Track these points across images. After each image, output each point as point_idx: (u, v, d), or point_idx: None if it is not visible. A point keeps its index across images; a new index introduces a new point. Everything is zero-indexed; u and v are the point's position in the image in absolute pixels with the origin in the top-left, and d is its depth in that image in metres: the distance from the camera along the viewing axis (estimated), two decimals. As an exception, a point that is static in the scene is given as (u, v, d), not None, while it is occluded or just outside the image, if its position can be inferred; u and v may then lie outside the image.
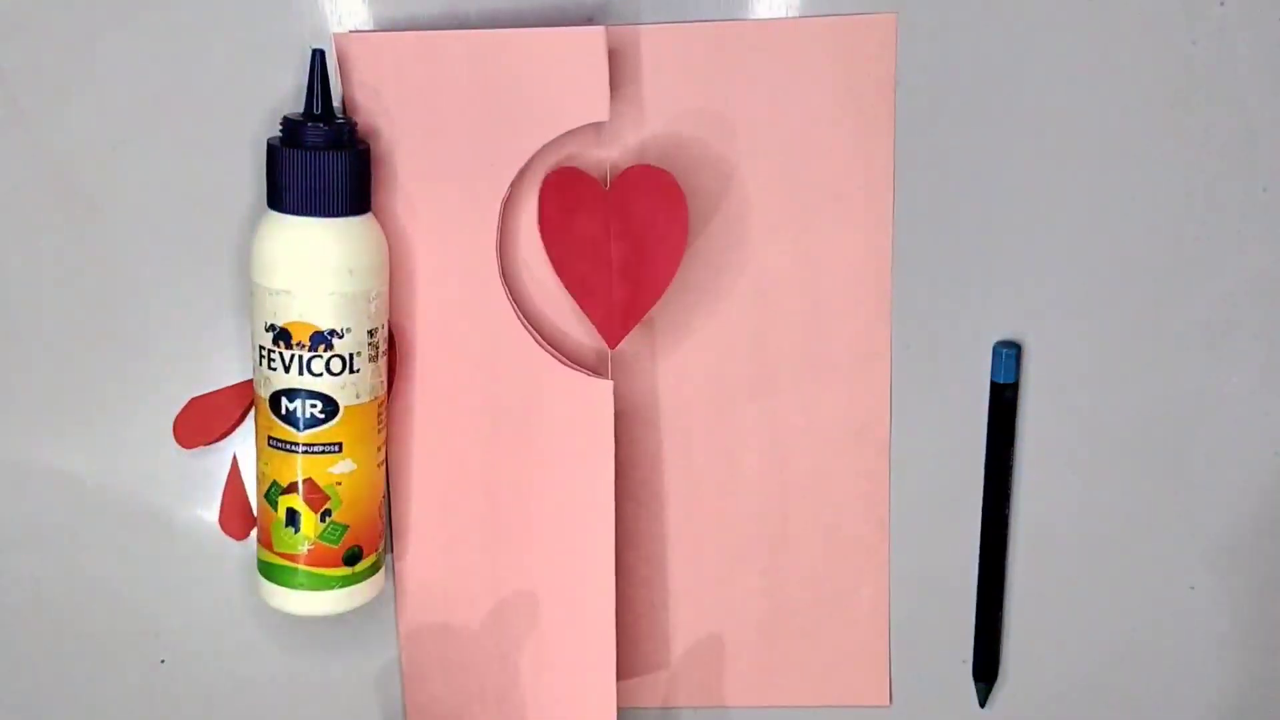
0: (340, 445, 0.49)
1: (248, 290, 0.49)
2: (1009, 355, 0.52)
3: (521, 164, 0.49)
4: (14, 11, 0.51)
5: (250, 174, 0.52)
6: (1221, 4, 0.50)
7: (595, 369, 0.52)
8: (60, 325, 0.53)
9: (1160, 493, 0.54)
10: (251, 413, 0.53)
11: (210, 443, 0.54)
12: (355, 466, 0.49)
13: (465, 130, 0.49)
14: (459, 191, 0.50)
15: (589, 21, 0.50)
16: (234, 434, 0.54)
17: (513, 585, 0.53)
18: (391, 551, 0.54)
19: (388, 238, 0.50)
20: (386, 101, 0.49)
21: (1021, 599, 0.55)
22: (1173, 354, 0.53)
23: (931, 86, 0.51)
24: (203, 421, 0.54)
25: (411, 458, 0.52)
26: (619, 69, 0.50)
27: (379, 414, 0.50)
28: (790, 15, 0.50)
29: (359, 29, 0.50)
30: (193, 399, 0.54)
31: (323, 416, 0.48)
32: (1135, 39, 0.50)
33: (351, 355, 0.48)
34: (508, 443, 0.52)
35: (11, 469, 0.55)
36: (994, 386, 0.53)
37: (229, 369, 0.54)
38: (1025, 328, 0.53)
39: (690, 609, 0.55)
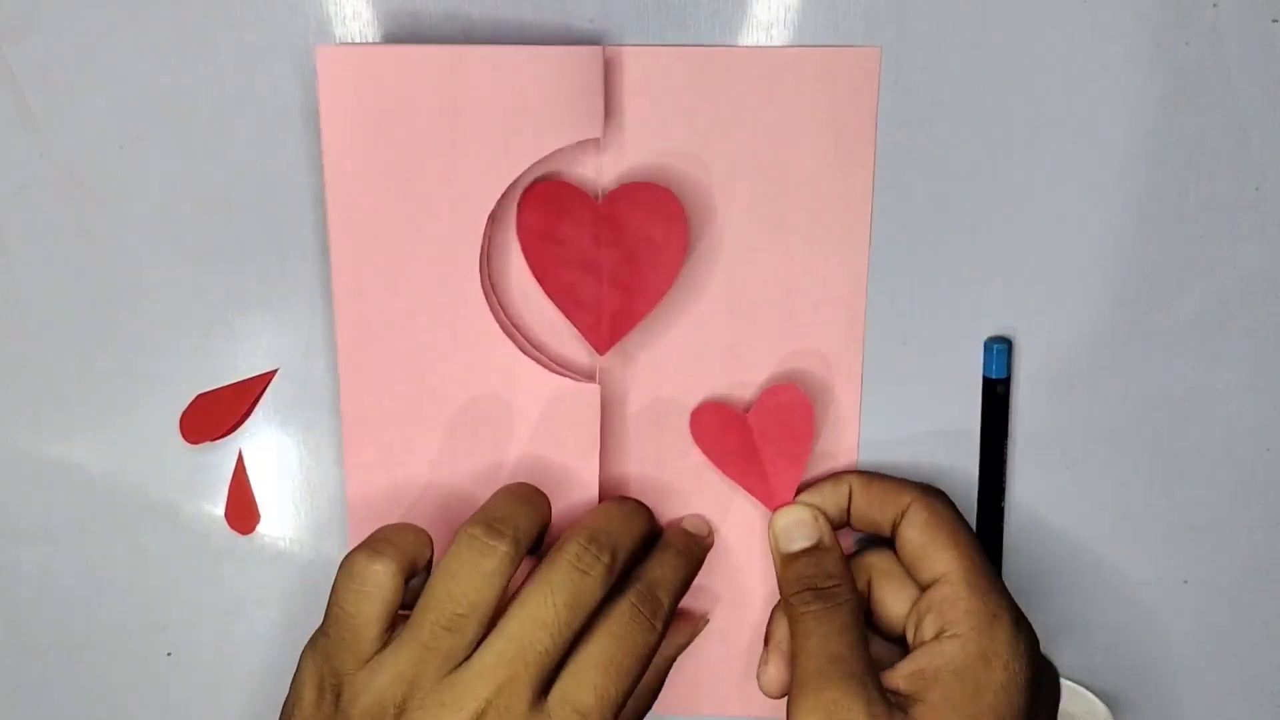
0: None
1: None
2: (1000, 350, 0.53)
3: (512, 178, 0.50)
4: (22, 11, 0.51)
5: (257, 173, 0.52)
6: (1214, 5, 0.50)
7: (588, 374, 0.53)
8: (68, 322, 0.54)
9: (1154, 488, 0.55)
10: (257, 408, 0.54)
11: (217, 438, 0.55)
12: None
13: (454, 145, 0.49)
14: (445, 205, 0.50)
15: (571, 37, 0.50)
16: (240, 429, 0.55)
17: None
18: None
19: (369, 251, 0.50)
20: (366, 115, 0.49)
21: (1019, 593, 0.55)
22: (1165, 351, 0.53)
23: (922, 85, 0.51)
24: (209, 417, 0.55)
25: (387, 465, 0.52)
26: (604, 90, 0.51)
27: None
28: (776, 44, 0.51)
29: (361, 31, 0.51)
30: (199, 395, 0.55)
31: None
32: (1127, 39, 0.50)
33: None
34: (490, 446, 0.52)
35: (20, 463, 0.55)
36: (986, 381, 0.53)
37: (235, 366, 0.54)
38: (1016, 323, 0.53)
39: None
